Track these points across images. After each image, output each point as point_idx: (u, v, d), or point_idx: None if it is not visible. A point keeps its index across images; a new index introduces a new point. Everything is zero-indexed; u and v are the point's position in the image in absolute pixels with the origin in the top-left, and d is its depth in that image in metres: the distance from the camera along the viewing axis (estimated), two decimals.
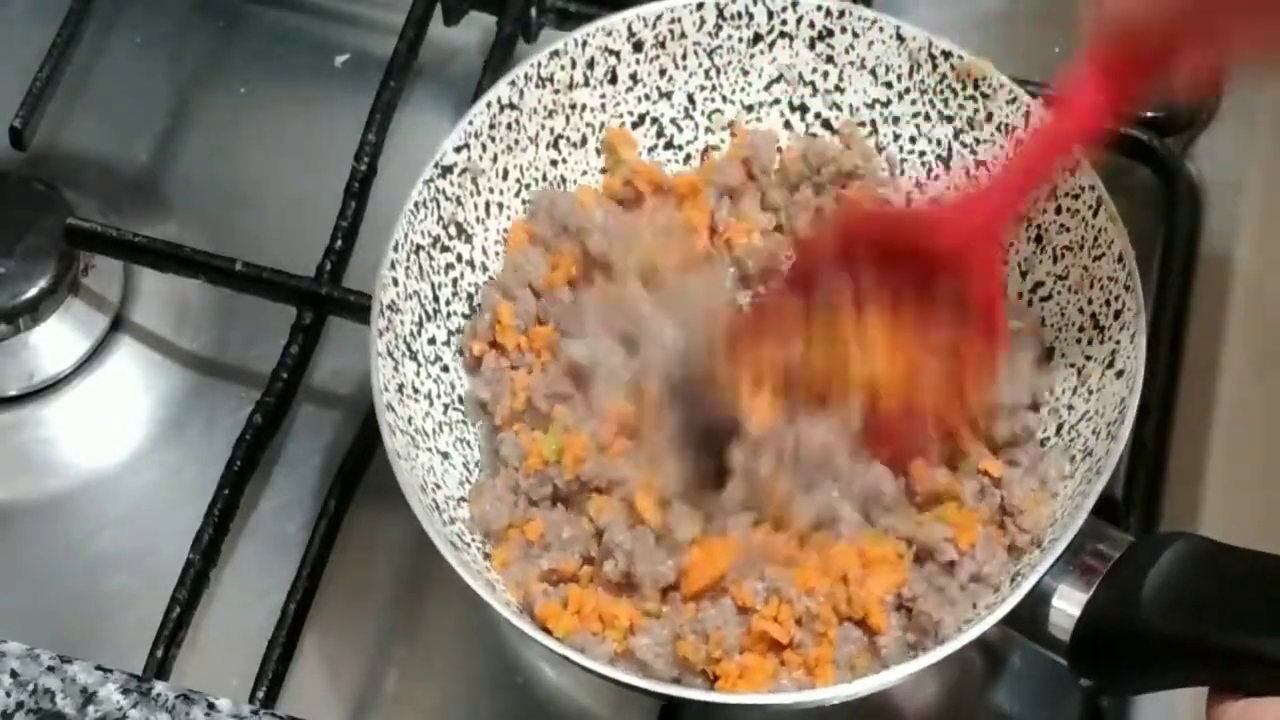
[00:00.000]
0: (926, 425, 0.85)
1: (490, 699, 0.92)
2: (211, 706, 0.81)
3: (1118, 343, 0.86)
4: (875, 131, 0.95)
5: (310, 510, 0.93)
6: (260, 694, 0.87)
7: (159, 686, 0.81)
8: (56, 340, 1.00)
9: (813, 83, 0.95)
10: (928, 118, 0.94)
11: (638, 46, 0.94)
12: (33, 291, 0.99)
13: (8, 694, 0.80)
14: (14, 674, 0.81)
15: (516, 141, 0.93)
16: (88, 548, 0.96)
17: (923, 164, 0.95)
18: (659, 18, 0.94)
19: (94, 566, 0.95)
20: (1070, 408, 0.87)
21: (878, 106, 0.95)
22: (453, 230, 0.91)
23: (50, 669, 0.81)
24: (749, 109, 0.97)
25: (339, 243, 0.98)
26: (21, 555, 0.96)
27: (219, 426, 0.98)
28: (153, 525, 0.96)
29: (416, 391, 0.88)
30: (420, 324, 0.89)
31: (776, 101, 0.96)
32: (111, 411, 1.00)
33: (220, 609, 0.92)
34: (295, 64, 1.10)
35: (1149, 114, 1.01)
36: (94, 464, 0.98)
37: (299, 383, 0.96)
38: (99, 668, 0.81)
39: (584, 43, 0.93)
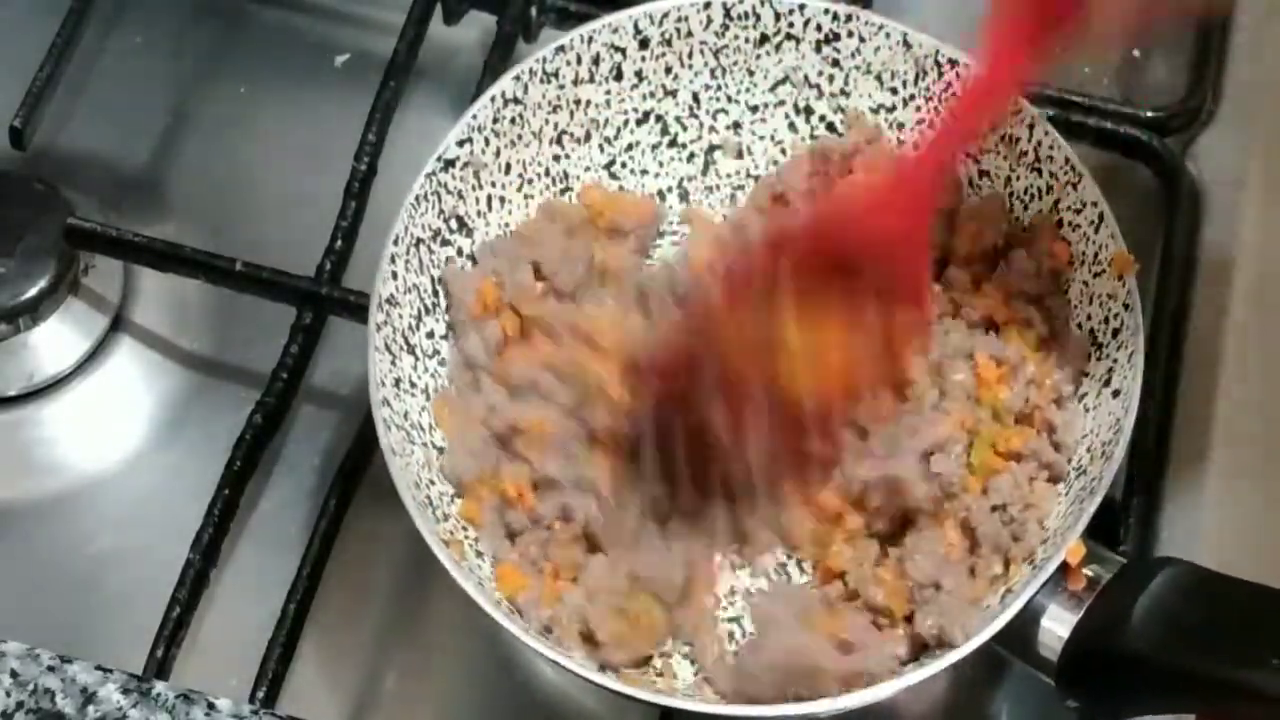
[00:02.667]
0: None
1: (490, 699, 0.92)
2: (211, 706, 0.81)
3: (1115, 361, 0.86)
4: (880, 137, 0.95)
5: (310, 510, 0.93)
6: (260, 694, 0.86)
7: (159, 686, 0.81)
8: (56, 340, 1.00)
9: (818, 85, 0.95)
10: (932, 125, 0.94)
11: (644, 44, 0.94)
12: (33, 291, 0.99)
13: (8, 694, 0.80)
14: (14, 674, 0.81)
15: (520, 136, 0.93)
16: (88, 548, 0.96)
17: None
18: (665, 16, 0.94)
19: (94, 566, 0.95)
20: (1066, 424, 0.87)
21: (883, 112, 0.95)
22: (454, 224, 0.91)
23: (50, 669, 0.81)
24: (754, 110, 0.97)
25: (339, 243, 0.98)
26: (21, 555, 0.96)
27: (219, 426, 0.98)
28: (152, 525, 0.96)
29: (414, 386, 0.88)
30: (419, 318, 0.89)
31: (781, 103, 0.96)
32: (111, 411, 1.00)
33: (220, 609, 0.92)
34: (295, 64, 1.10)
35: (1149, 114, 1.01)
36: (94, 464, 0.98)
37: (299, 383, 0.96)
38: (99, 668, 0.81)
39: (590, 39, 0.93)
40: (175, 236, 0.99)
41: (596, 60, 0.94)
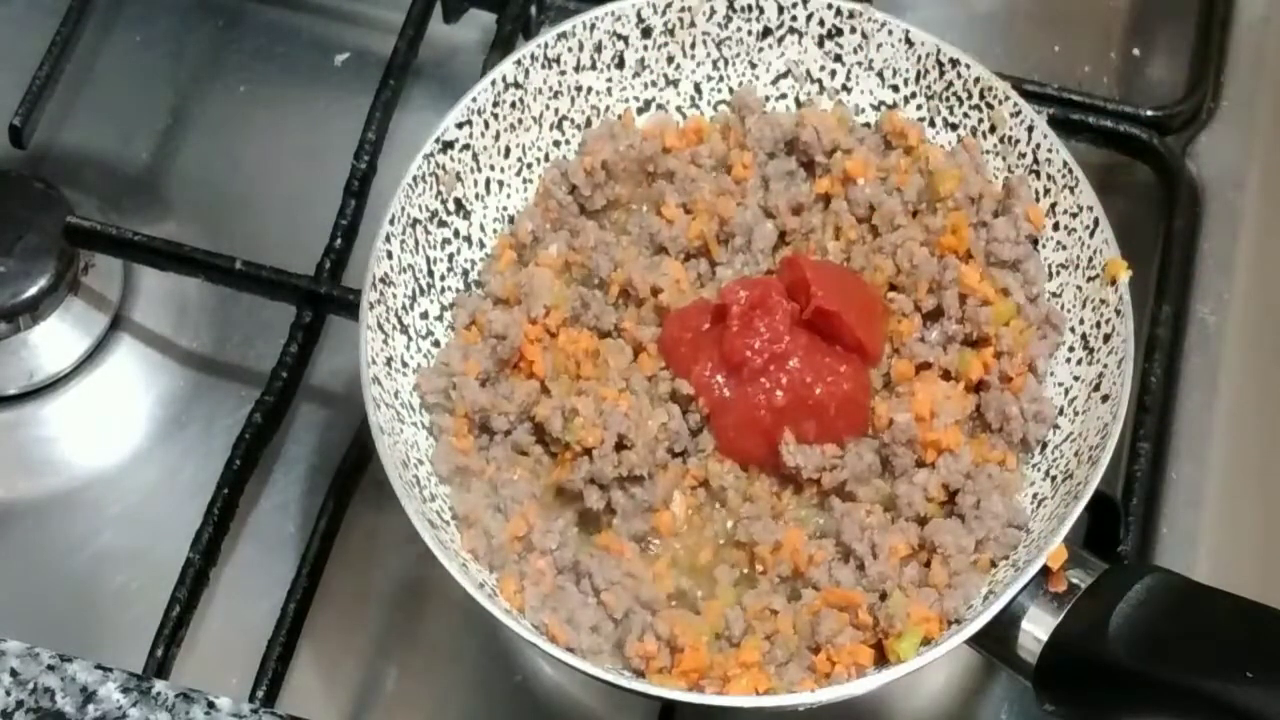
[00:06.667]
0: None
1: (489, 698, 0.92)
2: (211, 705, 0.81)
3: (1105, 366, 0.86)
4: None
5: (310, 509, 0.93)
6: (260, 693, 0.86)
7: (158, 685, 0.81)
8: (56, 339, 1.00)
9: (820, 80, 0.95)
10: (932, 124, 0.94)
11: (646, 33, 0.94)
12: (33, 290, 0.99)
13: (8, 693, 0.80)
14: (14, 673, 0.81)
15: (520, 120, 0.93)
16: (88, 547, 0.96)
17: None
18: (669, 5, 0.94)
19: (94, 566, 0.95)
20: (1055, 427, 0.87)
21: (883, 109, 0.95)
22: (451, 206, 0.91)
23: (50, 668, 0.81)
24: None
25: (339, 241, 0.98)
26: (21, 555, 0.96)
27: (219, 425, 0.98)
28: (152, 524, 0.96)
29: (405, 365, 0.88)
30: (413, 298, 0.89)
31: (783, 96, 0.96)
32: (111, 411, 1.00)
33: (220, 608, 0.92)
34: (295, 63, 1.10)
35: (1149, 113, 1.01)
36: (94, 463, 0.98)
37: (299, 382, 0.96)
38: (99, 666, 0.81)
39: (592, 25, 0.93)
40: (175, 235, 0.99)
41: (599, 48, 0.94)
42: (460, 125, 0.91)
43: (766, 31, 0.95)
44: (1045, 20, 1.10)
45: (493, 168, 0.93)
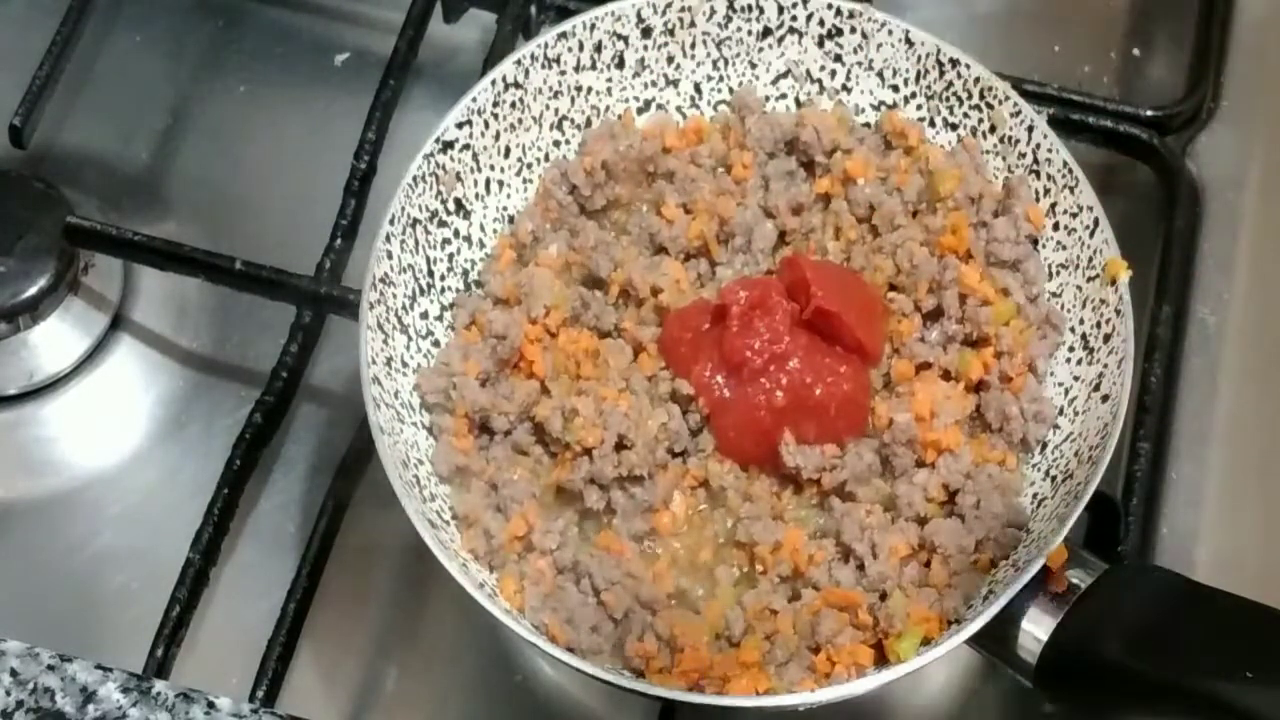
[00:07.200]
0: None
1: (489, 698, 0.92)
2: (211, 705, 0.81)
3: (1105, 366, 0.86)
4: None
5: (310, 509, 0.93)
6: (260, 693, 0.86)
7: (158, 685, 0.81)
8: (56, 339, 1.00)
9: (820, 80, 0.95)
10: (932, 124, 0.94)
11: (646, 33, 0.94)
12: (33, 290, 0.99)
13: (8, 693, 0.80)
14: (14, 673, 0.81)
15: (520, 120, 0.93)
16: (88, 547, 0.96)
17: None
18: (669, 5, 0.94)
19: (94, 566, 0.95)
20: (1055, 427, 0.87)
21: (883, 109, 0.95)
22: (451, 206, 0.91)
23: (50, 668, 0.81)
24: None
25: (339, 241, 0.98)
26: (21, 555, 0.96)
27: (219, 425, 0.98)
28: (153, 524, 0.96)
29: (405, 365, 0.88)
30: (413, 298, 0.89)
31: (783, 96, 0.96)
32: (111, 411, 1.00)
33: (220, 608, 0.92)
34: (295, 63, 1.10)
35: (1149, 113, 1.01)
36: (94, 463, 0.98)
37: (299, 381, 0.96)
38: (99, 667, 0.81)
39: (592, 25, 0.93)
40: (175, 235, 0.99)
41: (599, 48, 0.94)
42: (460, 125, 0.91)
43: (766, 31, 0.95)
44: (1045, 20, 1.10)
45: (493, 168, 0.93)
